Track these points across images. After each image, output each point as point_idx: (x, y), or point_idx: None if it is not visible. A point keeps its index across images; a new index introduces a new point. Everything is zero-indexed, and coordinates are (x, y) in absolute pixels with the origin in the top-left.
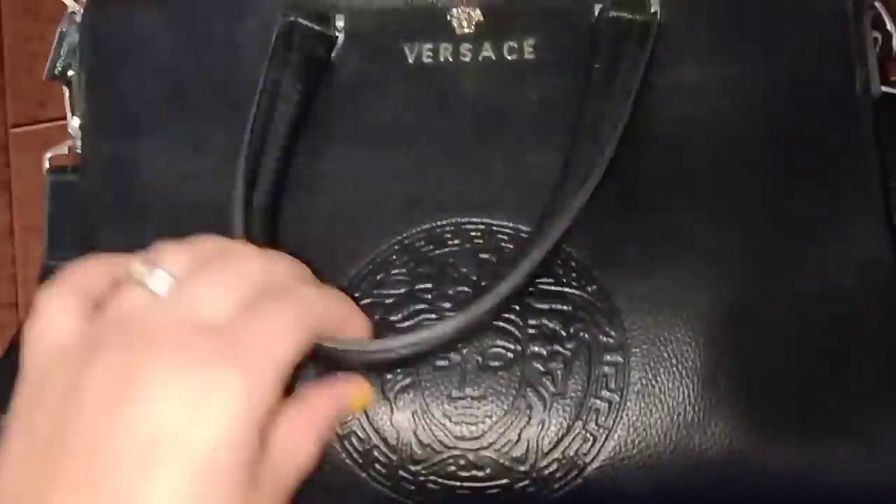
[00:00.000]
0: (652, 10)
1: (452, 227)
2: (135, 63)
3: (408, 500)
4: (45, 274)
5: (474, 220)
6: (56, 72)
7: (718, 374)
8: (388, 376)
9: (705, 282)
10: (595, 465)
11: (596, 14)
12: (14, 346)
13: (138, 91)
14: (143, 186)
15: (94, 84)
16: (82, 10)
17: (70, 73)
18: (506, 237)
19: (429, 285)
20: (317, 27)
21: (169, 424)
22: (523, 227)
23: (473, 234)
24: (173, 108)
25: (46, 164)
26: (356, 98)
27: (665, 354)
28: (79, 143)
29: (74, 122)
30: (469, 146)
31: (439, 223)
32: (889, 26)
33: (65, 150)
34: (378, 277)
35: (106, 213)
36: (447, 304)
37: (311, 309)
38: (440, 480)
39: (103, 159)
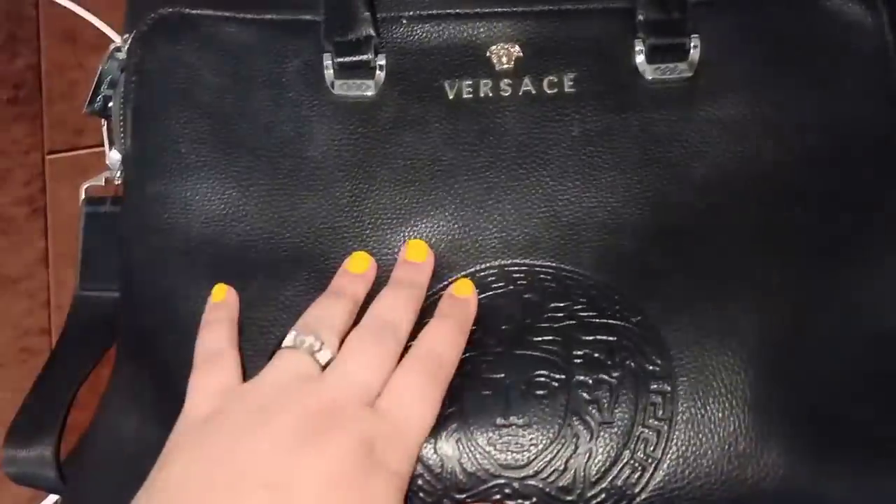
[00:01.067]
0: (690, 58)
1: (496, 271)
2: (181, 102)
3: None
4: (78, 305)
5: (517, 261)
6: (96, 106)
7: (770, 403)
8: None
9: (752, 312)
10: (644, 495)
11: (636, 49)
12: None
13: (185, 131)
14: (191, 228)
15: (140, 123)
16: (126, 47)
17: (110, 104)
18: (549, 277)
19: (474, 326)
20: (358, 67)
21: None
22: (565, 267)
23: (516, 275)
24: (220, 148)
25: (83, 195)
26: (397, 136)
27: (714, 384)
28: (116, 174)
29: (114, 155)
30: (510, 184)
31: (482, 267)
32: None
33: (101, 181)
34: (423, 321)
35: (151, 252)
36: (492, 341)
37: (444, 370)
38: None
39: (150, 199)
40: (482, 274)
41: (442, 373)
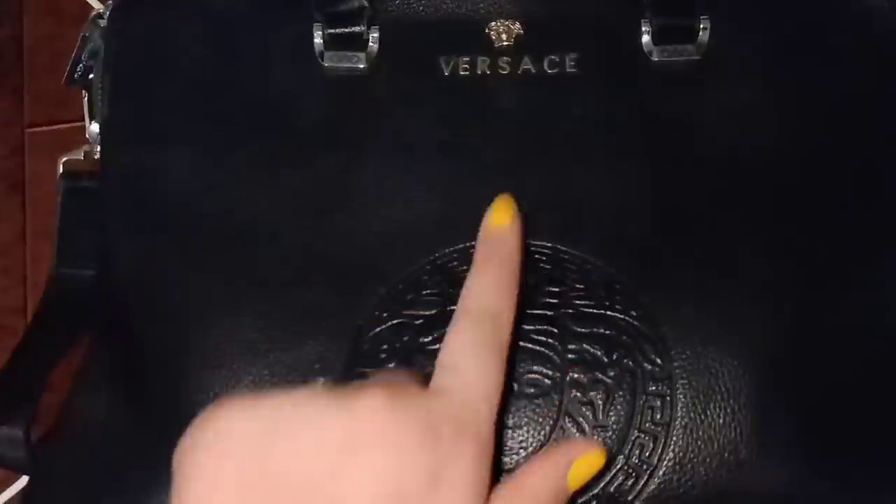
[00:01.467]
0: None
1: None
2: (162, 71)
3: None
4: (54, 283)
5: None
6: (76, 76)
7: (774, 409)
8: None
9: (760, 309)
10: (637, 503)
11: (642, 29)
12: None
13: (165, 100)
14: (166, 197)
15: (119, 91)
16: (108, 15)
17: (90, 76)
18: (543, 258)
19: None
20: (350, 38)
21: None
22: (561, 248)
23: None
24: (200, 118)
25: (60, 169)
26: (389, 111)
27: (716, 387)
28: (96, 148)
29: (93, 128)
30: (506, 163)
31: (474, 243)
32: None
33: (80, 156)
34: (408, 297)
35: (126, 222)
36: None
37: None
38: None
39: (125, 168)
40: (473, 250)
41: (498, 332)
